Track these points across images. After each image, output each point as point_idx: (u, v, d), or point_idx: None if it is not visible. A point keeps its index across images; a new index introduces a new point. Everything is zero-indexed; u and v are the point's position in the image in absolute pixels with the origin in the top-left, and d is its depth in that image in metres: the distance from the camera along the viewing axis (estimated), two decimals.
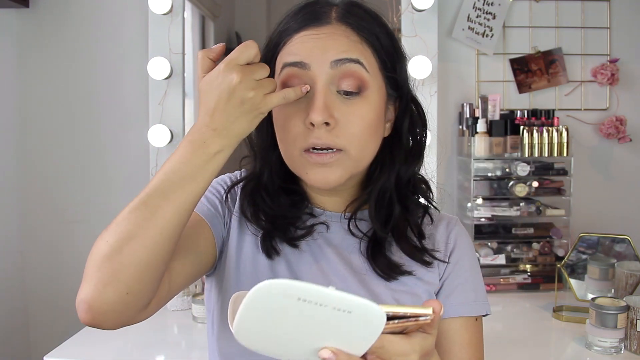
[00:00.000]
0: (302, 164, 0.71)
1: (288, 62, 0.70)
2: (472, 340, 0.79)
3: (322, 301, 0.46)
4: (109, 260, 0.59)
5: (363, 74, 0.70)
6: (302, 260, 0.76)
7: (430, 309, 0.52)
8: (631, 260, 1.53)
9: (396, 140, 0.77)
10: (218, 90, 0.61)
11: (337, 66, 0.69)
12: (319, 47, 0.69)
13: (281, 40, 0.73)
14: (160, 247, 0.61)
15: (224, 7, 2.19)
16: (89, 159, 1.91)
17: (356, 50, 0.70)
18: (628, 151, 1.90)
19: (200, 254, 0.74)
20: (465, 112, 1.83)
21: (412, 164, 0.78)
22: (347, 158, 0.70)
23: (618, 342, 1.27)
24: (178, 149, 0.63)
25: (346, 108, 0.69)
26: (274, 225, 0.76)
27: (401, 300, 0.75)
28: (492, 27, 1.85)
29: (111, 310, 0.60)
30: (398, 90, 0.76)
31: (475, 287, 0.80)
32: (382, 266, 0.75)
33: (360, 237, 0.77)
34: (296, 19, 0.72)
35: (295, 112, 0.70)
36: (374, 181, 0.76)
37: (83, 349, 1.31)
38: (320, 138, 0.68)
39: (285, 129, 0.71)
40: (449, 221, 0.83)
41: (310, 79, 0.69)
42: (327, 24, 0.70)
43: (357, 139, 0.70)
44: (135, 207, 0.61)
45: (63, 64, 1.90)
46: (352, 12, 0.72)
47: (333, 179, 0.71)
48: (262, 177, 0.78)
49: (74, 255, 1.91)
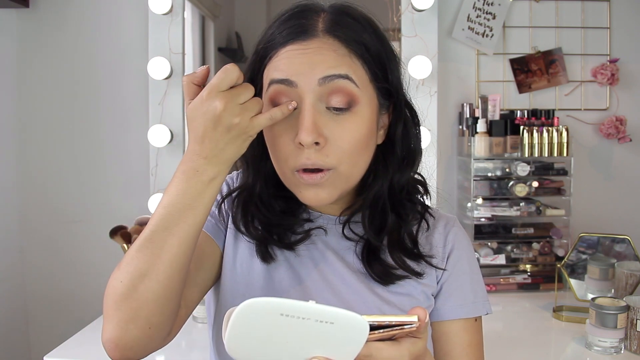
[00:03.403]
0: (294, 183, 0.71)
1: (275, 79, 0.68)
2: (472, 341, 0.79)
3: (304, 315, 0.47)
4: (127, 299, 0.60)
5: (352, 89, 0.67)
6: (302, 264, 0.76)
7: (415, 317, 0.53)
8: (631, 260, 1.53)
9: (389, 147, 0.76)
10: (203, 118, 0.61)
11: (326, 83, 0.66)
12: (306, 63, 0.66)
13: (267, 53, 0.70)
14: (173, 279, 0.62)
15: (224, 7, 2.19)
16: (89, 159, 1.91)
17: (344, 64, 0.67)
18: (628, 151, 1.90)
19: (208, 269, 0.76)
20: (465, 112, 1.83)
21: (405, 171, 0.77)
22: (337, 176, 0.69)
23: (618, 342, 1.27)
24: (173, 180, 0.63)
25: (336, 125, 0.67)
26: (269, 233, 0.76)
27: (398, 301, 0.75)
28: (492, 27, 1.85)
29: (137, 344, 0.61)
30: (391, 98, 0.74)
31: (474, 287, 0.80)
32: (378, 272, 0.75)
33: (355, 241, 0.77)
34: (281, 31, 0.69)
35: (284, 130, 0.68)
36: (367, 188, 0.75)
37: (83, 349, 1.31)
38: (310, 158, 0.67)
39: (275, 147, 0.70)
40: (446, 222, 0.82)
41: (297, 97, 0.67)
42: (313, 37, 0.68)
43: (348, 155, 0.68)
44: (142, 246, 0.61)
45: (63, 64, 1.90)
46: (340, 23, 0.69)
47: (325, 198, 0.70)
48: (255, 187, 0.77)
49: (73, 255, 1.91)
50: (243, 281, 0.76)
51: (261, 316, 0.48)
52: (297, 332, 0.48)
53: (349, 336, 0.49)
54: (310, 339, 0.49)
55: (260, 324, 0.48)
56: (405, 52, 1.74)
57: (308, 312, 0.47)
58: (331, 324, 0.48)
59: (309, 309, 0.47)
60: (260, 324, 0.48)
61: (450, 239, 0.80)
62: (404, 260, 0.75)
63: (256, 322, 0.48)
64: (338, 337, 0.49)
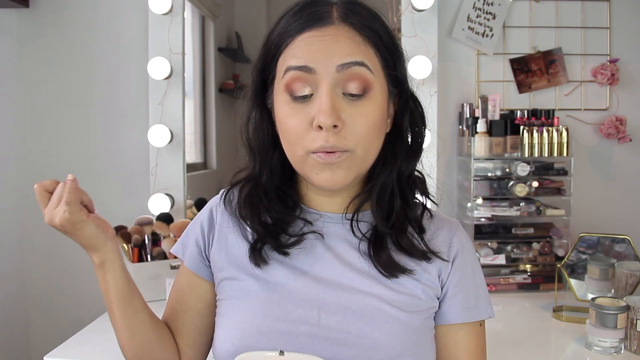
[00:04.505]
0: (310, 165, 0.71)
1: (292, 66, 0.70)
2: (477, 347, 0.80)
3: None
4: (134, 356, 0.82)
5: (368, 76, 0.70)
6: (301, 264, 0.76)
7: None
8: (631, 260, 1.53)
9: (397, 135, 0.78)
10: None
11: (343, 70, 0.69)
12: (324, 50, 0.69)
13: (282, 41, 0.72)
14: (144, 333, 0.80)
15: (224, 7, 2.19)
16: (88, 159, 1.91)
17: (360, 52, 0.70)
18: (628, 151, 1.90)
19: (203, 306, 0.84)
20: (465, 112, 1.83)
21: (413, 159, 0.79)
22: (353, 158, 0.71)
23: (618, 342, 1.27)
24: None
25: (352, 109, 0.70)
26: (266, 230, 0.77)
27: (400, 300, 0.75)
28: (492, 27, 1.85)
29: None
30: (398, 86, 0.76)
31: (478, 292, 0.80)
32: (384, 263, 0.75)
33: (359, 238, 0.77)
34: (297, 20, 0.71)
35: (302, 116, 0.70)
36: (375, 176, 0.77)
37: (83, 349, 1.31)
38: (328, 141, 0.68)
39: (291, 133, 0.71)
40: (450, 226, 0.83)
41: (315, 82, 0.69)
42: (329, 25, 0.70)
43: (364, 139, 0.70)
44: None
45: (63, 63, 1.90)
46: (353, 11, 0.71)
47: (340, 179, 0.71)
48: (262, 178, 0.78)
49: (73, 256, 1.91)
50: (239, 287, 0.77)
51: None
52: None
53: None
54: None
55: None
56: (406, 52, 1.74)
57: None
58: None
59: None
60: None
61: (455, 242, 0.81)
62: (411, 244, 0.76)
63: None
64: None
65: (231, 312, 0.76)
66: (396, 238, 0.76)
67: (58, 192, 0.73)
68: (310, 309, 0.73)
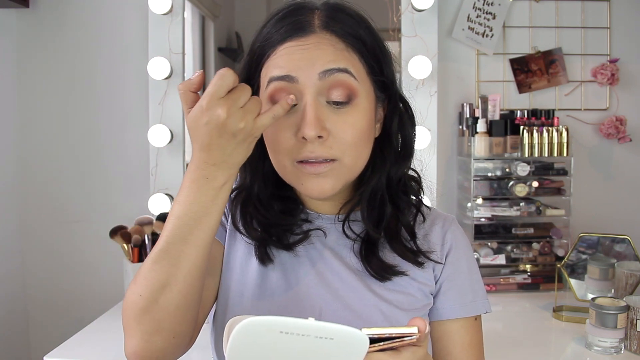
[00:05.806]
0: (296, 176, 0.71)
1: (275, 77, 0.68)
2: (472, 341, 0.79)
3: (303, 332, 0.48)
4: (149, 312, 0.61)
5: (352, 83, 0.68)
6: (299, 265, 0.77)
7: (415, 328, 0.53)
8: (631, 260, 1.53)
9: (386, 140, 0.77)
10: (207, 128, 0.59)
11: (326, 77, 0.67)
12: (306, 58, 0.67)
13: (264, 52, 0.70)
14: (193, 287, 0.63)
15: (224, 7, 2.19)
16: (89, 159, 1.91)
17: (343, 58, 0.68)
18: (628, 151, 1.90)
19: (219, 271, 0.78)
20: (465, 112, 1.83)
21: (402, 164, 0.78)
22: (341, 167, 0.70)
23: (618, 342, 1.27)
24: (182, 190, 0.63)
25: (337, 118, 0.68)
26: (268, 234, 0.76)
27: (396, 299, 0.75)
28: (492, 27, 1.85)
29: (162, 355, 0.63)
30: (386, 91, 0.75)
31: (473, 286, 0.80)
32: (375, 267, 0.75)
33: (354, 239, 0.77)
34: (279, 29, 0.70)
35: (285, 126, 0.68)
36: (365, 182, 0.76)
37: (83, 349, 1.31)
38: (313, 151, 0.68)
39: (276, 143, 0.70)
40: (444, 221, 0.82)
41: (298, 92, 0.67)
42: (311, 33, 0.68)
43: (351, 147, 0.69)
44: (159, 257, 0.62)
45: (63, 64, 1.90)
46: (335, 18, 0.70)
47: (328, 189, 0.70)
48: (253, 188, 0.77)
49: (74, 255, 1.91)
50: (240, 280, 0.77)
51: (261, 334, 0.48)
52: (297, 349, 0.49)
53: (349, 351, 0.50)
54: (310, 355, 0.49)
55: (260, 341, 0.48)
56: (405, 52, 1.74)
57: (307, 329, 0.47)
58: (331, 340, 0.48)
59: (308, 326, 0.47)
60: (260, 341, 0.48)
61: (448, 238, 0.80)
62: (403, 250, 0.76)
63: (256, 340, 0.48)
64: (338, 352, 0.49)
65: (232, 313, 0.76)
66: (388, 242, 0.76)
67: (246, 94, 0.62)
68: (312, 310, 0.73)
